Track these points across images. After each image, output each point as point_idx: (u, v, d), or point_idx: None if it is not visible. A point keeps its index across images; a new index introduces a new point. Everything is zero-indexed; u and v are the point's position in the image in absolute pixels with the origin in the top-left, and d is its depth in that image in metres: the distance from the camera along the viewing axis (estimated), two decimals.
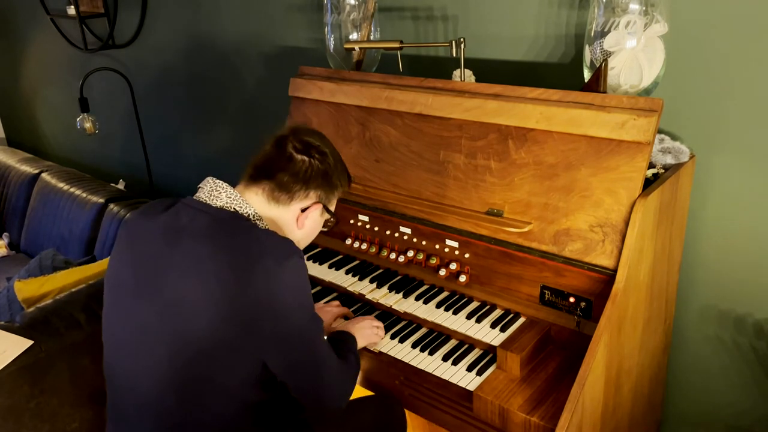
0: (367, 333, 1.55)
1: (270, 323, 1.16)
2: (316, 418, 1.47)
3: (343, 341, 1.46)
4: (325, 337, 1.37)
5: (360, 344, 1.52)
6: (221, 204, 1.25)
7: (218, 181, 1.29)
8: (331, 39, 2.01)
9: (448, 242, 1.66)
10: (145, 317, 1.21)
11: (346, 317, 1.67)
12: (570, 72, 1.83)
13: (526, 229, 1.50)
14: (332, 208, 1.41)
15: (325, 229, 1.44)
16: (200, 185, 1.30)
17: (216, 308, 1.14)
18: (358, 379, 1.64)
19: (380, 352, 1.56)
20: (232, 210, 1.25)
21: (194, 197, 1.29)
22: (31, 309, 1.93)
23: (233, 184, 1.32)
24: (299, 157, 1.30)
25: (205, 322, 1.15)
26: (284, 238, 1.23)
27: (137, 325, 1.22)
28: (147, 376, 1.22)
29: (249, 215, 1.26)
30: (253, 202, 1.29)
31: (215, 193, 1.26)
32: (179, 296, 1.17)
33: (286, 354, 1.21)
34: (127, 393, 1.26)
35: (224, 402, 1.21)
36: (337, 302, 1.73)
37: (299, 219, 1.33)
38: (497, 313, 1.58)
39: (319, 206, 1.35)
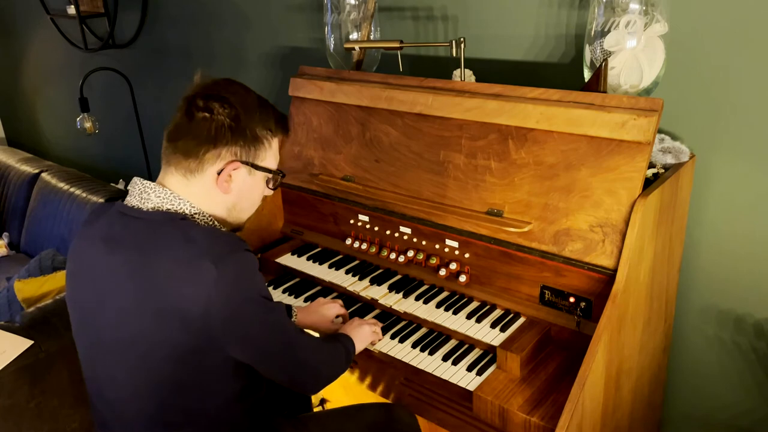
0: (366, 334, 1.51)
1: (223, 326, 1.11)
2: (313, 419, 1.47)
3: (336, 336, 1.44)
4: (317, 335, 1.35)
5: (358, 347, 1.47)
6: (152, 206, 1.17)
7: (145, 181, 1.20)
8: (331, 39, 2.01)
9: (448, 242, 1.66)
10: (99, 336, 1.18)
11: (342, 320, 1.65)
12: (570, 72, 1.83)
13: (526, 229, 1.50)
14: (265, 163, 1.24)
15: (272, 188, 1.30)
16: (129, 187, 1.23)
17: (166, 318, 1.10)
18: (367, 381, 1.65)
19: (380, 352, 1.56)
20: (165, 210, 1.17)
21: (125, 202, 1.21)
22: (31, 309, 1.93)
23: None
24: (200, 115, 1.16)
25: (154, 330, 1.11)
26: (222, 235, 1.14)
27: (97, 343, 1.20)
28: (119, 390, 1.20)
29: (184, 212, 1.18)
30: (176, 186, 1.19)
31: (144, 195, 1.18)
32: (125, 309, 1.13)
33: (251, 348, 1.17)
34: (105, 403, 1.25)
35: (200, 399, 1.19)
36: (340, 301, 1.70)
37: (219, 183, 1.19)
38: (497, 313, 1.58)
39: (238, 165, 1.20)
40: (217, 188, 1.20)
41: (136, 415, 1.20)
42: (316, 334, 1.51)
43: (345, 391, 1.74)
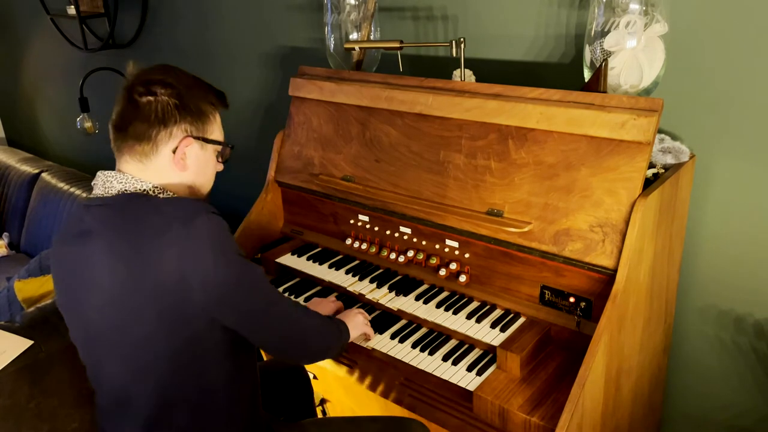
0: (359, 323, 1.55)
1: (202, 288, 1.12)
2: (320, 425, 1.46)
3: (329, 317, 1.47)
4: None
5: (352, 333, 1.51)
6: (116, 191, 1.20)
7: (106, 171, 1.23)
8: (331, 39, 2.01)
9: (448, 242, 1.66)
10: (92, 326, 1.20)
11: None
12: (570, 72, 1.83)
13: (526, 229, 1.50)
14: (213, 136, 1.29)
15: (224, 161, 1.34)
16: (93, 182, 1.25)
17: (149, 293, 1.11)
18: (367, 381, 1.64)
19: (381, 353, 1.56)
20: (128, 192, 1.20)
21: (91, 195, 1.24)
22: (31, 309, 1.93)
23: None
24: (144, 99, 1.19)
25: (140, 307, 1.13)
26: (186, 201, 1.18)
27: (91, 334, 1.22)
28: (120, 378, 1.21)
29: (146, 190, 1.20)
30: (134, 172, 1.22)
31: (108, 184, 1.21)
32: (110, 294, 1.15)
33: (234, 307, 1.18)
34: (110, 398, 1.26)
35: (203, 382, 1.20)
36: (332, 298, 1.73)
37: (175, 162, 1.23)
38: (497, 313, 1.58)
39: (191, 141, 1.23)
40: (174, 167, 1.23)
41: (136, 404, 1.21)
42: None
43: (345, 390, 1.74)
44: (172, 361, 1.17)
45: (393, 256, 1.76)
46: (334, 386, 1.77)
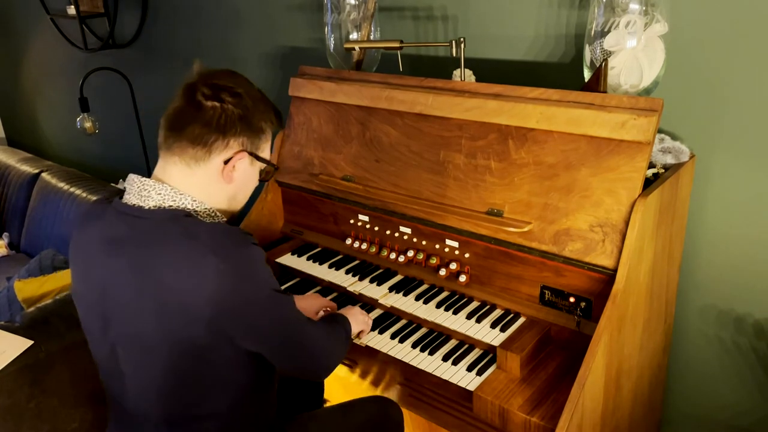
0: (359, 318, 1.56)
1: (233, 318, 1.12)
2: (312, 418, 1.48)
3: (333, 317, 1.47)
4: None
5: (354, 329, 1.52)
6: (154, 204, 1.16)
7: (143, 178, 1.18)
8: (331, 39, 2.01)
9: (448, 242, 1.66)
10: (108, 329, 1.19)
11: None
12: (570, 72, 1.83)
13: (526, 229, 1.50)
14: (264, 154, 1.27)
15: (265, 180, 1.32)
16: (125, 184, 1.21)
17: (170, 313, 1.10)
18: (367, 381, 1.65)
19: (367, 346, 1.57)
20: (167, 207, 1.16)
21: (124, 200, 1.19)
22: (31, 309, 1.93)
23: None
24: (209, 103, 1.16)
25: (166, 332, 1.12)
26: (226, 230, 1.15)
27: (106, 337, 1.20)
28: (131, 387, 1.21)
29: (187, 208, 1.17)
30: (177, 177, 1.18)
31: (144, 193, 1.16)
32: (130, 306, 1.13)
33: (260, 336, 1.18)
34: (120, 401, 1.26)
35: (213, 395, 1.20)
36: (317, 294, 1.74)
37: (224, 172, 1.20)
38: (497, 313, 1.58)
39: (245, 155, 1.21)
40: (221, 177, 1.20)
41: (145, 410, 1.21)
42: None
43: (345, 390, 1.74)
44: (183, 378, 1.17)
45: (393, 256, 1.76)
46: (335, 386, 1.77)
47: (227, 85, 1.18)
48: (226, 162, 1.20)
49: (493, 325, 1.53)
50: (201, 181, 1.20)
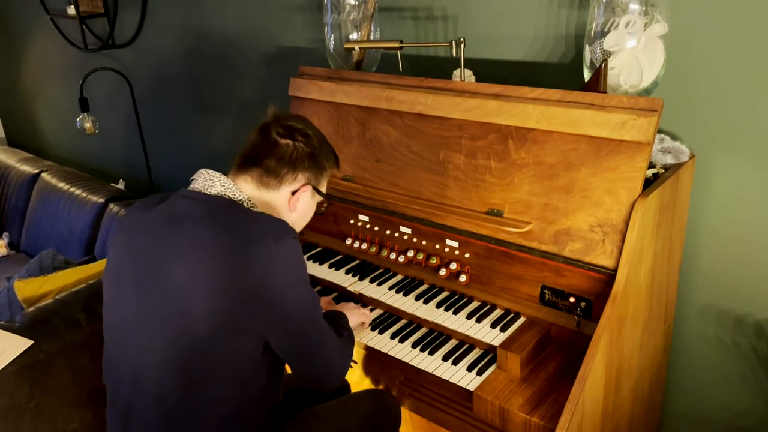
0: (356, 314, 1.60)
1: (272, 300, 1.18)
2: (312, 415, 1.48)
3: (336, 318, 1.49)
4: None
5: (353, 322, 1.56)
6: (216, 192, 1.28)
7: (211, 171, 1.31)
8: (331, 39, 2.01)
9: (448, 242, 1.66)
10: (146, 303, 1.23)
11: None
12: (570, 72, 1.83)
13: (526, 229, 1.50)
14: (323, 189, 1.43)
15: (320, 212, 1.47)
16: (194, 177, 1.33)
17: (220, 288, 1.16)
18: (367, 381, 1.65)
19: (367, 346, 1.57)
20: (227, 197, 1.28)
21: (189, 188, 1.31)
22: (31, 309, 1.93)
23: None
24: (283, 141, 1.33)
25: (207, 304, 1.17)
26: (280, 219, 1.26)
27: (139, 311, 1.24)
28: (148, 362, 1.23)
29: (242, 201, 1.29)
30: (244, 189, 1.32)
31: (209, 182, 1.29)
32: (181, 280, 1.19)
33: (288, 330, 1.24)
34: (129, 383, 1.27)
35: (225, 385, 1.23)
36: (327, 298, 1.76)
37: (291, 202, 1.35)
38: (497, 313, 1.58)
39: (309, 188, 1.37)
40: (287, 206, 1.36)
41: (158, 398, 1.23)
42: None
43: None
44: (209, 365, 1.21)
45: (393, 256, 1.76)
46: None
47: (299, 126, 1.35)
48: (293, 193, 1.35)
49: (493, 325, 1.53)
50: (268, 202, 1.34)
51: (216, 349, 1.20)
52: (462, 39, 1.68)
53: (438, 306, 1.62)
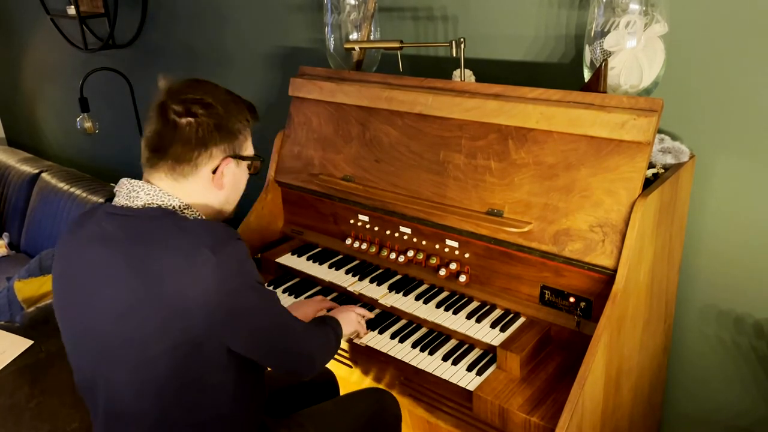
0: (352, 320, 1.56)
1: (221, 311, 1.12)
2: (309, 415, 1.48)
3: (321, 318, 1.48)
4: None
5: (345, 330, 1.51)
6: (142, 203, 1.18)
7: (132, 180, 1.22)
8: (331, 39, 2.01)
9: (448, 242, 1.66)
10: (100, 335, 1.17)
11: (329, 310, 1.66)
12: (570, 72, 1.83)
13: (526, 229, 1.50)
14: (247, 152, 1.30)
15: (256, 174, 1.35)
16: (116, 188, 1.23)
17: (168, 309, 1.10)
18: (367, 381, 1.65)
19: (367, 346, 1.57)
20: (156, 205, 1.19)
21: (113, 203, 1.22)
22: (31, 309, 1.93)
23: None
24: (184, 121, 1.18)
25: (153, 328, 1.12)
26: (215, 224, 1.17)
27: (96, 345, 1.19)
28: (123, 392, 1.19)
29: (174, 207, 1.20)
30: (164, 186, 1.21)
31: (133, 193, 1.19)
32: (125, 305, 1.13)
33: (249, 335, 1.18)
34: (108, 412, 1.23)
35: (196, 395, 1.19)
36: (320, 296, 1.75)
37: (215, 181, 1.24)
38: (497, 313, 1.58)
39: (230, 160, 1.24)
40: (213, 186, 1.24)
41: (137, 418, 1.19)
42: None
43: (345, 390, 1.74)
44: (177, 378, 1.16)
45: (393, 256, 1.76)
46: None
47: (196, 97, 1.20)
48: (214, 171, 1.23)
49: (493, 325, 1.53)
50: (191, 190, 1.22)
51: (181, 365, 1.14)
52: (462, 39, 1.68)
53: (438, 306, 1.62)
